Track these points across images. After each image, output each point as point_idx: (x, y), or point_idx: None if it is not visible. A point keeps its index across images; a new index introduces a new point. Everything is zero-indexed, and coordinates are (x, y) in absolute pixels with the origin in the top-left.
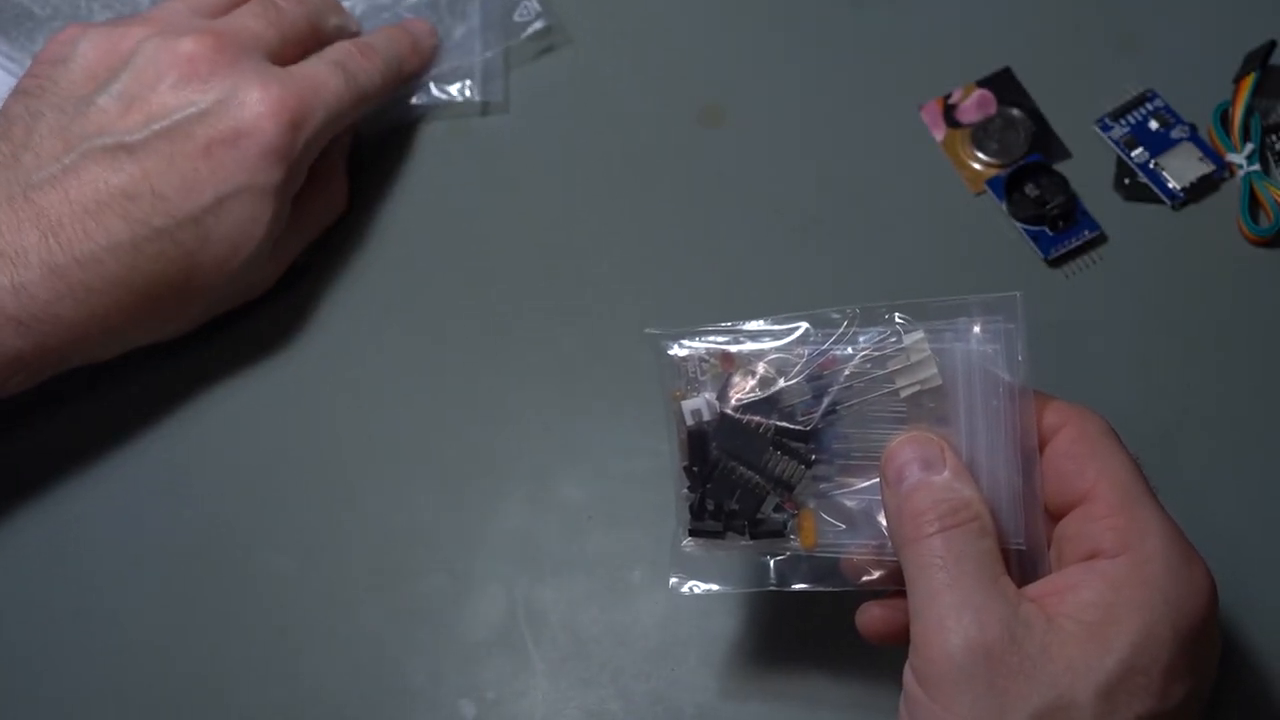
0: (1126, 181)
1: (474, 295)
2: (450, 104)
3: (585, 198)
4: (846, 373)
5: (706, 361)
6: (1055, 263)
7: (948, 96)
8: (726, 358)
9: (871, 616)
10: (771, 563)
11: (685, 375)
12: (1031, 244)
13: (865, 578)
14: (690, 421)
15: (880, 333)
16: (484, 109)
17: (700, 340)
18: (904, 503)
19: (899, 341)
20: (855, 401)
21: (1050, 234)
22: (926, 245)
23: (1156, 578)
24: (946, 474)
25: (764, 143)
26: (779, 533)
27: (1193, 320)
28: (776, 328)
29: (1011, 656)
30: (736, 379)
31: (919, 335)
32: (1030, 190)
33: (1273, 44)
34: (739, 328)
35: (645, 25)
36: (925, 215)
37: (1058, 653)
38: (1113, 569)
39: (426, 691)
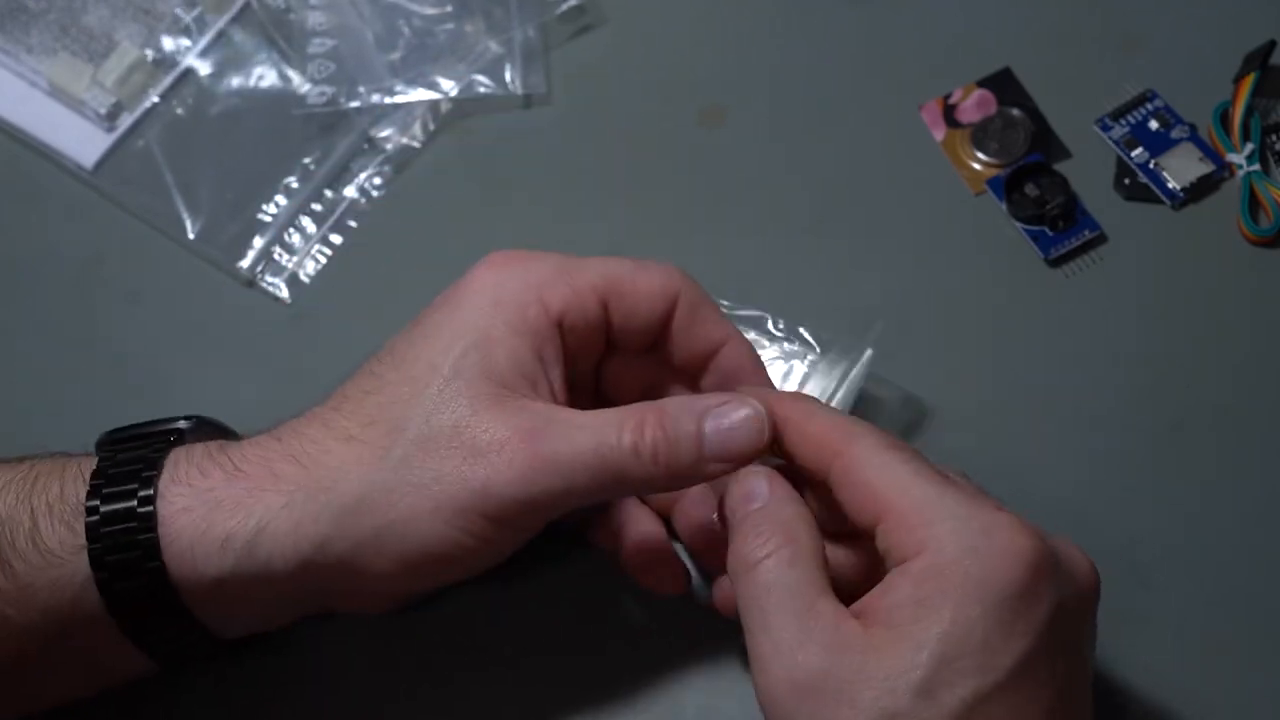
0: (1126, 181)
1: None
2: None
3: (584, 197)
4: None
5: None
6: (1055, 263)
7: (948, 96)
8: None
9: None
10: None
11: None
12: (1031, 244)
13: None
14: None
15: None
16: (526, 101)
17: None
18: (731, 543)
19: None
20: None
21: (1050, 234)
22: (926, 245)
23: (953, 561)
24: (757, 505)
25: (764, 143)
26: None
27: (1193, 320)
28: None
29: (829, 685)
30: None
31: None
32: (1030, 190)
33: (1273, 44)
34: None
35: (645, 26)
36: (925, 215)
37: (874, 667)
38: (915, 567)
39: None
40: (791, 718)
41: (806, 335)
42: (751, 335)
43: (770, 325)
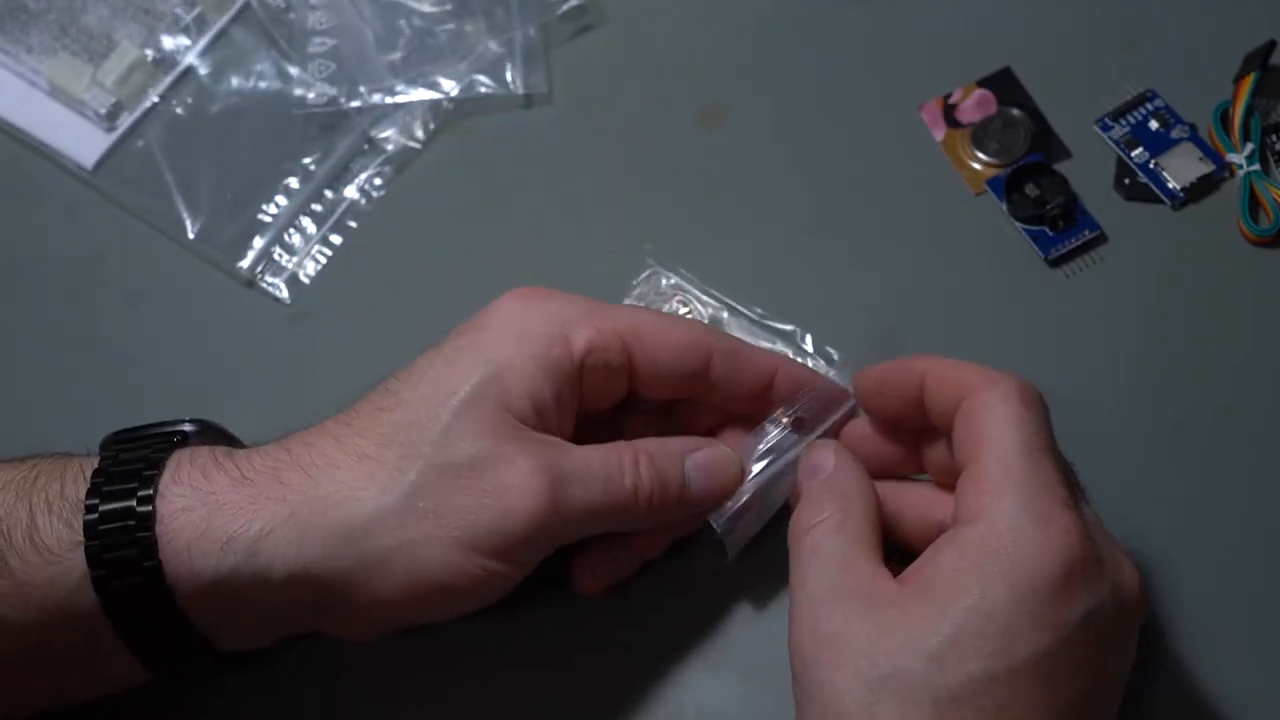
0: (1126, 181)
1: (468, 295)
2: (491, 96)
3: (585, 197)
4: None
5: None
6: (1055, 263)
7: (948, 96)
8: None
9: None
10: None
11: None
12: (1031, 244)
13: None
14: None
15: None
16: (527, 101)
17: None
18: (793, 511)
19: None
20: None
21: (1050, 234)
22: (926, 245)
23: (999, 540)
24: (822, 476)
25: (764, 143)
26: None
27: (1193, 320)
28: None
29: (849, 636)
30: None
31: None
32: (1030, 190)
33: (1273, 44)
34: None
35: (645, 26)
36: (925, 215)
37: (896, 626)
38: (966, 535)
39: None
40: (810, 665)
41: (832, 353)
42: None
43: (797, 339)
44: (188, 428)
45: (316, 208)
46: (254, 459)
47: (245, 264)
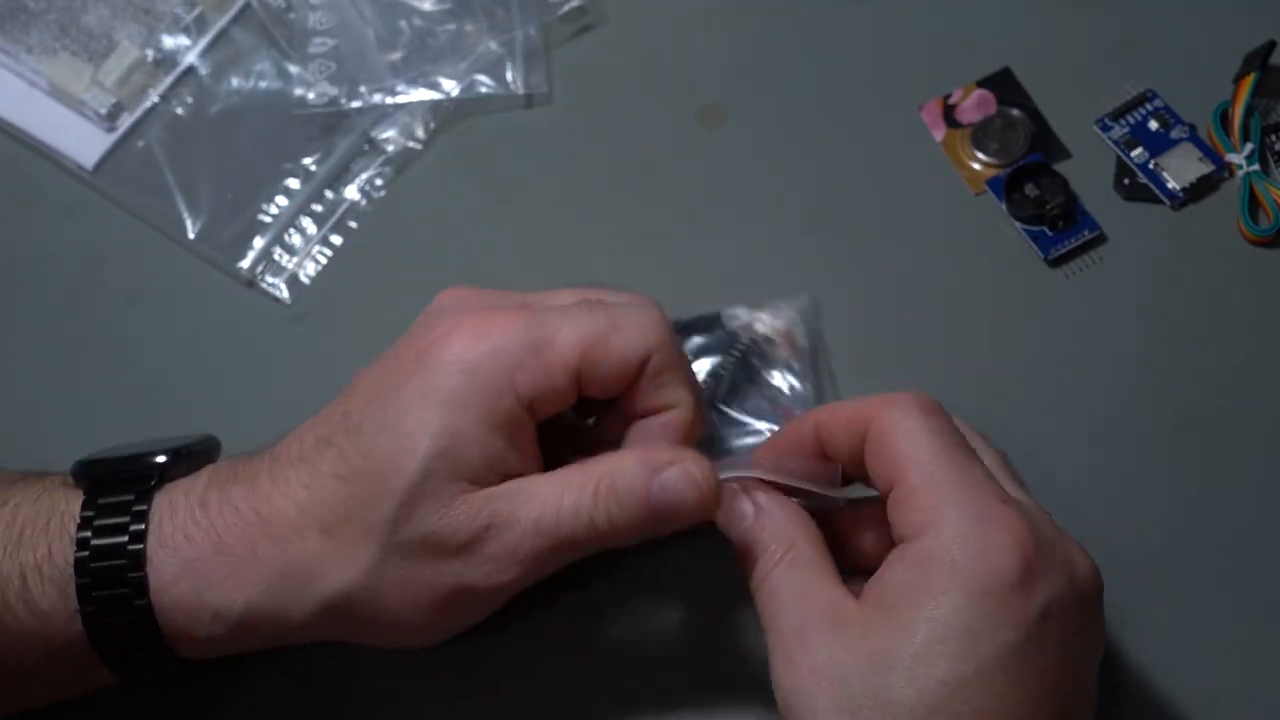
0: (1126, 181)
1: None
2: (491, 96)
3: (585, 197)
4: None
5: None
6: (1055, 263)
7: (948, 96)
8: None
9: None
10: None
11: None
12: (1031, 244)
13: None
14: None
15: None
16: (528, 101)
17: None
18: (739, 563)
19: None
20: None
21: (1050, 234)
22: (926, 245)
23: (946, 550)
24: (746, 522)
25: (764, 143)
26: None
27: (1193, 320)
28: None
29: (821, 665)
30: None
31: None
32: (1030, 190)
33: (1273, 44)
34: None
35: (645, 26)
36: (925, 215)
37: (864, 646)
38: (913, 549)
39: None
40: (790, 699)
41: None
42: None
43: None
44: (161, 460)
45: (317, 208)
46: (226, 514)
47: (245, 264)
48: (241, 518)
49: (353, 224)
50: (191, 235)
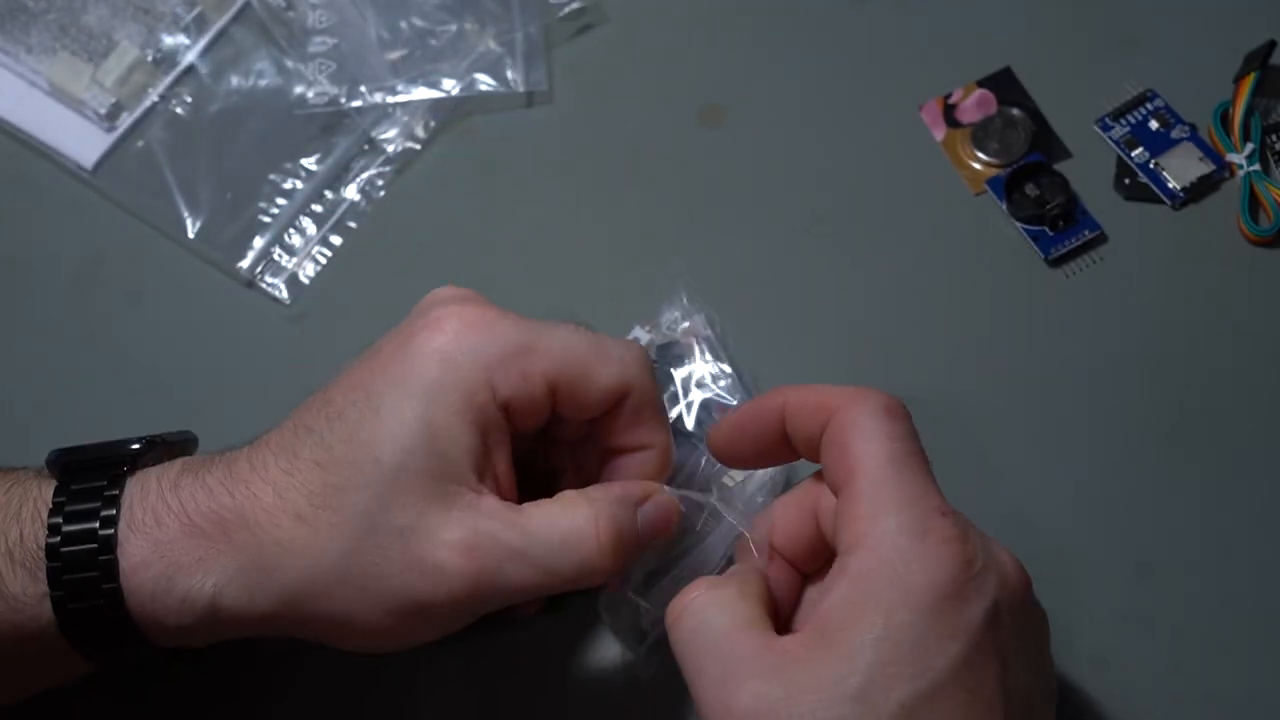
0: (1126, 181)
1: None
2: (492, 95)
3: (585, 196)
4: None
5: None
6: (1055, 263)
7: (948, 96)
8: None
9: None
10: None
11: None
12: (1031, 244)
13: None
14: None
15: None
16: (528, 100)
17: None
18: None
19: None
20: None
21: (1050, 234)
22: (926, 245)
23: (887, 565)
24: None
25: (764, 143)
26: None
27: (1193, 320)
28: None
29: (762, 708)
30: None
31: None
32: (1030, 190)
33: (1273, 44)
34: None
35: (645, 26)
36: (925, 215)
37: (809, 679)
38: (853, 564)
39: None
40: None
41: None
42: None
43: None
44: (136, 447)
45: (316, 208)
46: (199, 497)
47: (245, 264)
48: (215, 499)
49: (352, 224)
50: (191, 235)
